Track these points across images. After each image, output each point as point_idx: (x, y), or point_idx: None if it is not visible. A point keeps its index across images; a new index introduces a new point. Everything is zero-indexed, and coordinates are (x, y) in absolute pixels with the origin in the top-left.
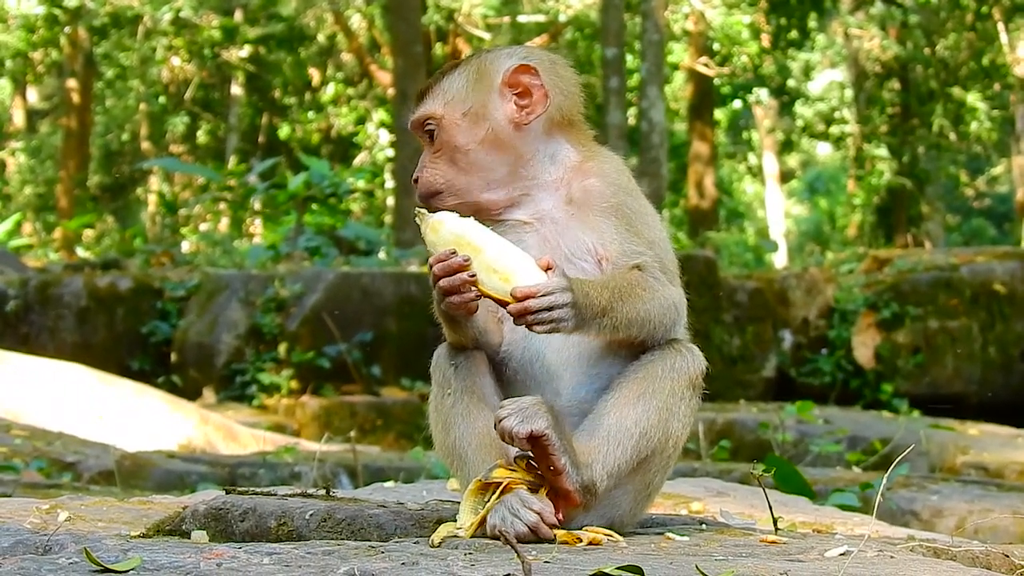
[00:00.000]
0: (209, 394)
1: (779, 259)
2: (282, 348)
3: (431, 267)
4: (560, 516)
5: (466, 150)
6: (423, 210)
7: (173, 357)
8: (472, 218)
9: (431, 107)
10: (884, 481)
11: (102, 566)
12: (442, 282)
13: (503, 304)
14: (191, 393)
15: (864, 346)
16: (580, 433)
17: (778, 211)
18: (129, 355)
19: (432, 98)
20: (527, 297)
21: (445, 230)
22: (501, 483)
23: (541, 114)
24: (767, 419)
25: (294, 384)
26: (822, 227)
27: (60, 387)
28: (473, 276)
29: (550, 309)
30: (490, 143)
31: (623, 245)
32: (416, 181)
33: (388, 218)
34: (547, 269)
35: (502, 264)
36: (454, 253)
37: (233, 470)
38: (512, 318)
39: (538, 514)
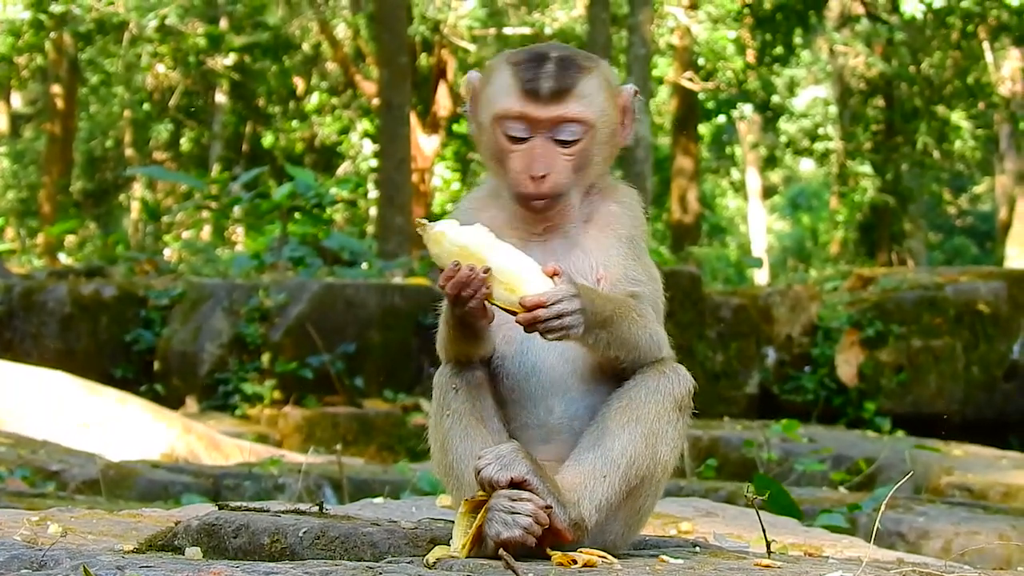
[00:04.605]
0: (192, 403)
1: (761, 275)
2: (265, 358)
3: (442, 285)
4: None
5: (596, 163)
6: (424, 221)
7: (156, 366)
8: (478, 224)
9: (586, 112)
10: (882, 508)
11: None
12: (463, 293)
13: (512, 313)
14: (174, 402)
15: (847, 364)
16: (566, 469)
17: (760, 227)
18: (112, 363)
19: (580, 100)
20: (537, 306)
21: (448, 242)
22: (487, 501)
23: (626, 142)
24: (752, 437)
25: (277, 394)
26: (804, 243)
27: (44, 395)
28: (486, 277)
29: (560, 317)
30: (606, 161)
31: (626, 271)
32: (543, 178)
33: (371, 228)
34: (553, 275)
35: (508, 274)
36: (458, 265)
37: (217, 481)
38: (522, 328)
39: (529, 502)
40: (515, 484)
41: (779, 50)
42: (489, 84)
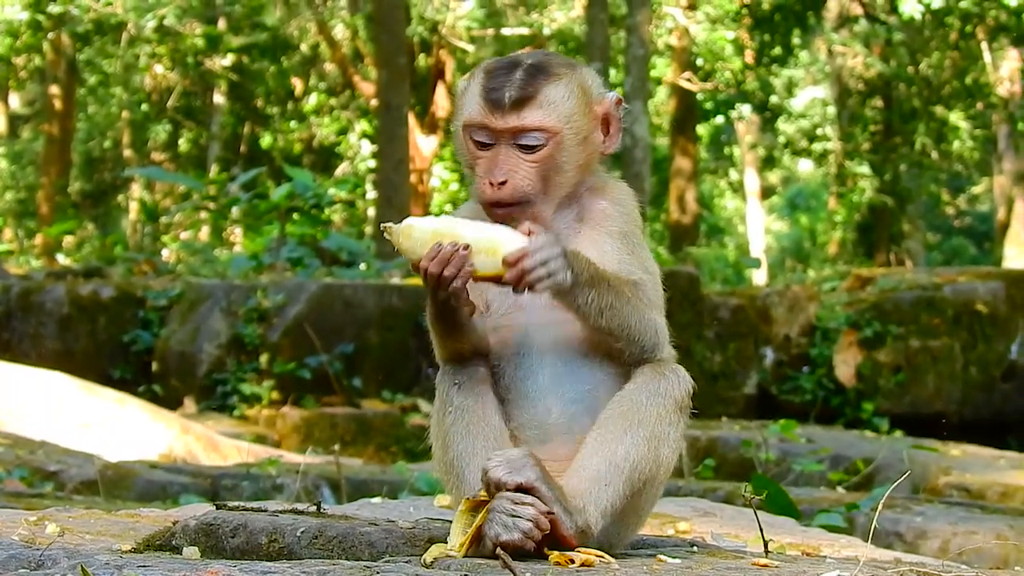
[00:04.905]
0: (190, 404)
1: (759, 276)
2: (263, 358)
3: (424, 269)
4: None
5: (565, 170)
6: (388, 224)
7: (154, 366)
8: (442, 216)
9: (547, 120)
10: (880, 508)
11: None
12: (446, 271)
13: (498, 280)
14: (172, 402)
15: (845, 364)
16: (570, 475)
17: (758, 227)
18: (110, 364)
19: (542, 108)
20: (520, 259)
21: (418, 231)
22: (488, 501)
23: (610, 151)
24: (750, 437)
25: (275, 395)
26: (802, 244)
27: (42, 395)
28: (467, 253)
29: (545, 263)
30: (581, 168)
31: (621, 265)
32: (503, 184)
33: (369, 229)
34: (530, 235)
35: (486, 242)
36: (439, 245)
37: (215, 481)
38: (512, 288)
39: (531, 507)
40: (523, 489)
41: (777, 51)
42: (464, 92)
